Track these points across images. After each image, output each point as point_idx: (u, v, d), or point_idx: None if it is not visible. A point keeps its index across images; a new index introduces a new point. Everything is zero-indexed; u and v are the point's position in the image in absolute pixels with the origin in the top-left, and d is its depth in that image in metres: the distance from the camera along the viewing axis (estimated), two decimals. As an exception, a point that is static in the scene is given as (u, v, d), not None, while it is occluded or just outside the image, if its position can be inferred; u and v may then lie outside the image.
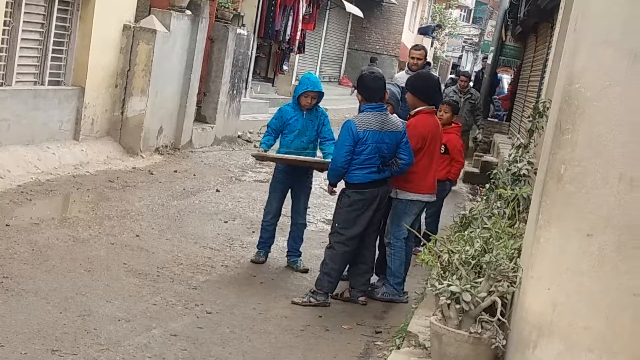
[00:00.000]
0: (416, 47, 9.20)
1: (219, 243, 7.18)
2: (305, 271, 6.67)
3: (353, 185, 5.94)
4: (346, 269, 6.19)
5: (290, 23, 18.20)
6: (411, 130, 6.14)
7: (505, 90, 22.59)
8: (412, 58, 8.88)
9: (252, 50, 15.67)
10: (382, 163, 5.89)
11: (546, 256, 3.60)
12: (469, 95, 13.34)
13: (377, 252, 6.44)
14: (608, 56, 3.41)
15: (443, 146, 7.28)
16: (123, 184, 8.87)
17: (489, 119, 19.42)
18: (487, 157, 14.99)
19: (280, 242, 7.39)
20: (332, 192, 6.33)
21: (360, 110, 6.14)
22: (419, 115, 6.31)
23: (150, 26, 10.41)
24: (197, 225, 7.69)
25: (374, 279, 6.41)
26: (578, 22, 3.55)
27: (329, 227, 8.29)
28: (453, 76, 29.54)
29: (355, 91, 6.51)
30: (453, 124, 7.94)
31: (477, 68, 55.75)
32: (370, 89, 5.99)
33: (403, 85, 7.44)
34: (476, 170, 13.99)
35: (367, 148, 5.83)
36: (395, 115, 6.40)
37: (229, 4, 13.36)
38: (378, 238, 6.40)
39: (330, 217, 8.73)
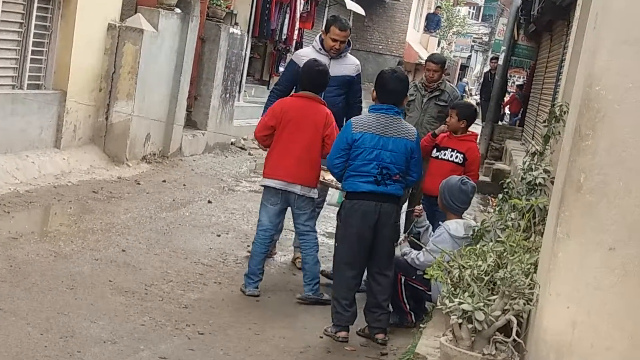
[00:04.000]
0: (342, 25, 7.06)
1: (212, 258, 7.17)
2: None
3: (348, 194, 5.77)
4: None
5: (286, 21, 18.23)
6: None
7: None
8: (334, 41, 7.00)
9: (246, 50, 15.70)
10: (381, 174, 5.61)
11: (565, 272, 3.59)
12: (437, 93, 7.91)
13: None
14: (630, 56, 3.41)
15: (460, 155, 6.92)
16: (108, 195, 8.86)
17: (499, 123, 19.48)
18: (499, 165, 15.01)
19: (280, 257, 7.39)
20: None
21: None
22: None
23: (137, 25, 10.43)
24: (188, 239, 7.68)
25: None
26: (598, 20, 3.55)
27: (329, 241, 8.33)
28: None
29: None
30: (469, 132, 7.16)
31: (487, 69, 55.99)
32: (385, 90, 5.76)
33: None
34: (487, 179, 13.99)
35: (361, 152, 5.61)
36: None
37: (221, 1, 13.40)
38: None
39: (331, 230, 8.74)
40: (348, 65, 7.15)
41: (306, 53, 7.25)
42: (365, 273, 5.87)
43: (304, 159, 6.20)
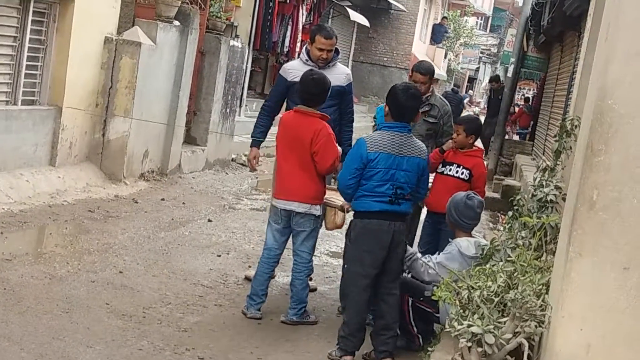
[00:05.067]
0: (327, 34, 6.98)
1: (212, 279, 7.15)
2: None
3: (358, 214, 5.74)
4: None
5: (288, 33, 18.33)
6: None
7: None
8: (321, 50, 6.93)
9: (247, 63, 15.75)
10: (395, 194, 5.59)
11: (578, 292, 3.59)
12: (426, 109, 7.11)
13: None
14: (644, 69, 3.42)
15: (466, 171, 6.90)
16: (105, 214, 8.86)
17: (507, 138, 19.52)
18: (509, 181, 14.99)
19: (282, 278, 7.38)
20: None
21: (378, 128, 6.06)
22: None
23: (135, 38, 10.46)
24: (187, 259, 7.67)
25: None
26: (610, 32, 3.56)
27: (333, 261, 8.32)
28: (454, 87, 29.84)
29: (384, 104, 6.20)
30: (475, 147, 7.13)
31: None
32: (400, 107, 5.71)
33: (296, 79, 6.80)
34: (497, 196, 13.98)
35: (377, 173, 5.57)
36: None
37: (221, 13, 13.45)
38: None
39: (335, 249, 8.73)
40: (338, 75, 7.05)
41: (293, 66, 7.18)
42: None
43: (297, 176, 6.18)
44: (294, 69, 7.03)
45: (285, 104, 7.25)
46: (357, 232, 5.68)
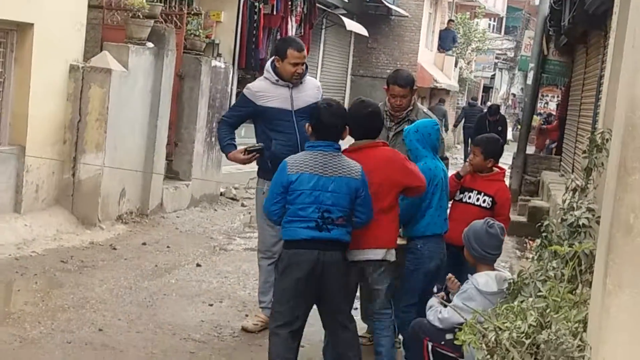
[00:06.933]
0: (299, 46, 7.14)
1: (204, 333, 7.15)
2: None
3: (286, 243, 5.79)
4: None
5: (277, 49, 18.35)
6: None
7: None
8: (295, 65, 7.05)
9: (232, 85, 15.80)
10: (322, 218, 5.65)
11: (619, 329, 3.59)
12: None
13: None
14: (677, 76, 3.44)
15: (488, 199, 6.94)
16: (79, 265, 8.87)
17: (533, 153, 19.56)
18: (536, 202, 14.99)
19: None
20: None
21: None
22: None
23: (104, 65, 10.52)
24: (175, 311, 7.67)
25: None
26: (636, 38, 3.59)
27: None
28: (471, 101, 30.48)
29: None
30: (497, 169, 7.16)
31: (514, 90, 56.07)
32: (322, 125, 5.82)
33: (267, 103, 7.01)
34: (523, 219, 13.97)
35: (300, 195, 5.65)
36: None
37: (200, 30, 13.51)
38: None
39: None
40: (312, 90, 7.19)
41: (261, 87, 7.21)
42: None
43: (380, 220, 5.98)
44: (265, 92, 7.12)
45: (257, 131, 7.32)
46: (284, 264, 5.74)
